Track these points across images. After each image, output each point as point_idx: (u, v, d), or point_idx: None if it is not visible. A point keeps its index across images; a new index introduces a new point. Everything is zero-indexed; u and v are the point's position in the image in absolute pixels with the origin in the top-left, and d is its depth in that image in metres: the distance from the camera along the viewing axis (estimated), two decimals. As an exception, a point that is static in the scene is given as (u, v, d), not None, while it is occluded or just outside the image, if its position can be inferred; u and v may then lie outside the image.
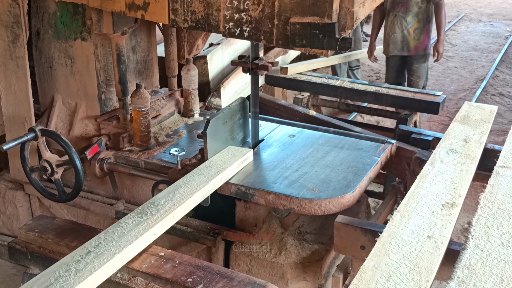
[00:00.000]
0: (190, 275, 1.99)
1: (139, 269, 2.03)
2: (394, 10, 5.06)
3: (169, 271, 2.01)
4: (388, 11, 5.14)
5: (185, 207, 2.24)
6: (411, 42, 5.09)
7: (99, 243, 1.97)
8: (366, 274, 1.63)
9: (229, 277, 1.97)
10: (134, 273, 2.05)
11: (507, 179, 2.16)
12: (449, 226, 1.88)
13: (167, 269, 2.03)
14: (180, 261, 2.07)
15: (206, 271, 2.01)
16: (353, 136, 3.04)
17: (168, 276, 1.98)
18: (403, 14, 5.02)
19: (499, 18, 11.03)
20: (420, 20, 5.03)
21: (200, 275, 1.98)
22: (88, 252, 1.92)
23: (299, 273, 2.55)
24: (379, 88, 4.00)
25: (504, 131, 5.51)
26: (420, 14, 5.01)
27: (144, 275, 2.02)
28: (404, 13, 5.01)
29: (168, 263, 2.06)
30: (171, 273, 2.00)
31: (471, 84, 7.36)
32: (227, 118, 2.69)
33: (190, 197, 2.25)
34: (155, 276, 1.98)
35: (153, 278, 1.98)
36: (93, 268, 1.84)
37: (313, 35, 2.11)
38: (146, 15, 2.48)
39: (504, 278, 1.61)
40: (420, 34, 5.05)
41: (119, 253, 1.92)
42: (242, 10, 2.22)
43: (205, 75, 3.86)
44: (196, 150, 2.73)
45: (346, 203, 2.44)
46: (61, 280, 1.78)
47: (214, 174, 2.42)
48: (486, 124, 2.76)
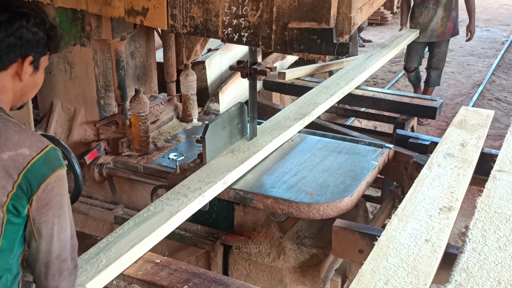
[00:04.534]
0: (186, 282, 1.99)
1: (135, 276, 2.03)
2: (425, 2, 5.59)
3: (165, 278, 2.01)
4: (418, 4, 5.64)
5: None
6: (438, 29, 5.65)
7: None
8: (364, 278, 1.64)
9: (225, 284, 1.97)
10: (130, 280, 2.05)
11: (504, 183, 2.18)
12: (446, 230, 1.89)
13: (163, 276, 2.03)
14: (176, 268, 2.07)
15: (202, 278, 2.01)
16: (351, 140, 3.05)
17: (164, 283, 1.99)
18: (434, 6, 5.57)
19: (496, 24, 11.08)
20: (447, 9, 5.60)
21: (196, 282, 1.99)
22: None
23: (298, 277, 2.56)
24: (377, 93, 4.02)
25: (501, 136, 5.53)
26: (447, 4, 5.59)
27: (140, 282, 2.02)
28: (435, 5, 5.57)
29: (164, 270, 2.06)
30: (167, 280, 2.00)
31: (468, 89, 7.39)
32: (226, 123, 2.70)
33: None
34: (151, 283, 1.98)
35: (149, 285, 1.98)
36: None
37: (311, 40, 2.13)
38: (145, 20, 2.49)
39: (501, 281, 1.62)
40: (447, 22, 5.64)
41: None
42: (240, 15, 2.24)
43: (204, 80, 3.87)
44: (195, 155, 2.74)
45: (344, 207, 2.45)
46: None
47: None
48: (483, 129, 2.78)
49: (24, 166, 1.42)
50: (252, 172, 2.67)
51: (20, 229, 1.47)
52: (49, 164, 1.45)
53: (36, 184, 1.43)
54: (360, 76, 3.91)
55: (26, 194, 1.44)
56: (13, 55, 1.49)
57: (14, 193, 1.42)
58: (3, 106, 1.52)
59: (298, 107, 3.13)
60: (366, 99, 3.98)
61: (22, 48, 1.49)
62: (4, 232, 1.44)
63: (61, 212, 1.49)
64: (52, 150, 1.48)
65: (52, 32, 1.55)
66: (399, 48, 4.92)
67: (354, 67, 4.10)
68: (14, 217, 1.44)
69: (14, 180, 1.42)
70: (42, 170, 1.44)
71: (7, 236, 1.45)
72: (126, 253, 1.87)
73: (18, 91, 1.56)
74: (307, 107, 3.13)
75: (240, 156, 2.58)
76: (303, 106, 3.15)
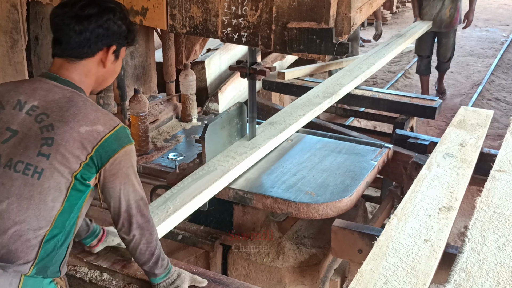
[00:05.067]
0: None
1: (134, 276, 2.03)
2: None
3: None
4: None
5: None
6: (447, 20, 5.93)
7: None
8: (364, 278, 1.64)
9: (225, 283, 1.97)
10: (129, 280, 2.05)
11: (503, 183, 2.18)
12: (445, 230, 1.89)
13: None
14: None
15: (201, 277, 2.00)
16: (350, 140, 3.06)
17: None
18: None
19: (495, 24, 11.09)
20: (454, 1, 5.87)
21: None
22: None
23: (297, 277, 2.56)
24: (376, 93, 4.02)
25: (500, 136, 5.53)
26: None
27: (140, 282, 2.02)
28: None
29: None
30: None
31: (467, 89, 7.40)
32: (225, 123, 2.70)
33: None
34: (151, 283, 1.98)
35: (149, 285, 1.98)
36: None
37: (311, 40, 2.13)
38: (144, 20, 2.49)
39: (500, 281, 1.62)
40: (454, 12, 5.91)
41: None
42: (240, 15, 2.24)
43: (203, 80, 3.87)
44: (194, 155, 2.74)
45: (343, 207, 2.45)
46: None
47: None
48: (482, 129, 2.78)
49: (98, 141, 1.63)
50: (251, 172, 2.67)
51: (82, 196, 1.67)
52: (118, 141, 1.66)
53: (106, 158, 1.64)
54: (379, 62, 4.29)
55: (96, 166, 1.64)
56: (100, 44, 1.71)
57: (86, 163, 1.62)
58: (84, 89, 1.74)
59: (326, 87, 3.52)
60: (365, 99, 3.98)
61: (108, 38, 1.71)
62: (68, 196, 1.63)
63: (126, 180, 1.71)
64: (122, 129, 1.68)
65: (131, 27, 1.79)
66: (414, 37, 5.33)
67: (374, 53, 4.49)
68: (80, 184, 1.64)
69: (88, 152, 1.62)
70: (112, 146, 1.65)
71: (70, 201, 1.64)
72: (189, 202, 2.22)
73: (101, 76, 1.78)
74: (334, 87, 3.53)
75: (278, 127, 2.90)
76: (330, 86, 3.55)
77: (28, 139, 1.62)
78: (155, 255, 1.82)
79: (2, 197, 1.60)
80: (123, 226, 1.75)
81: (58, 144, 1.60)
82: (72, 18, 1.67)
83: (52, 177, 1.60)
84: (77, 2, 1.69)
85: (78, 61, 1.71)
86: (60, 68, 1.72)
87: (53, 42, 1.73)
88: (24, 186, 1.60)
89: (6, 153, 1.62)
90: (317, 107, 3.15)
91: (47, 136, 1.61)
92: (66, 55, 1.71)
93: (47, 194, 1.60)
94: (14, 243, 1.59)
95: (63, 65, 1.72)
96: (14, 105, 1.67)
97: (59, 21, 1.69)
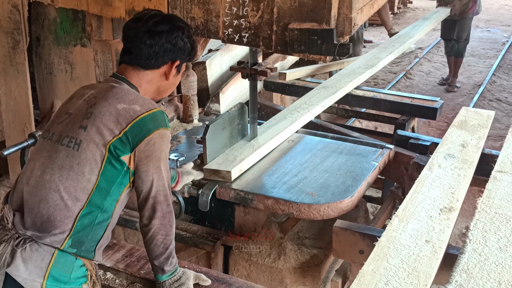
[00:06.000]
0: None
1: (138, 275, 2.04)
2: None
3: None
4: None
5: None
6: (462, 9, 6.73)
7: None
8: (365, 279, 1.64)
9: (228, 282, 1.98)
10: (133, 279, 2.05)
11: (504, 184, 2.17)
12: (447, 231, 1.89)
13: None
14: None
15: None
16: (352, 141, 3.05)
17: None
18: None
19: (496, 24, 11.09)
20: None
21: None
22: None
23: (298, 277, 2.56)
24: (377, 94, 4.02)
25: (501, 136, 5.53)
26: None
27: (143, 281, 2.02)
28: None
29: None
30: None
31: (469, 90, 7.40)
32: (226, 123, 2.71)
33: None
34: (154, 281, 1.99)
35: (152, 284, 1.99)
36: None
37: (312, 41, 2.13)
38: (145, 21, 2.49)
39: (501, 282, 1.62)
40: (469, 2, 6.75)
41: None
42: (241, 16, 2.24)
43: (204, 81, 3.87)
44: (196, 155, 2.74)
45: (344, 208, 2.45)
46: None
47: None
48: (484, 129, 2.78)
49: (133, 118, 1.72)
50: (252, 173, 2.67)
51: (119, 175, 1.74)
52: (154, 122, 1.75)
53: (141, 137, 1.72)
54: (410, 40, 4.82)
55: (130, 144, 1.72)
56: (167, 58, 1.85)
57: (119, 138, 1.71)
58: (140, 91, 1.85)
59: (366, 60, 4.19)
60: (366, 99, 3.98)
61: (174, 54, 1.86)
62: (103, 169, 1.72)
63: (159, 164, 1.77)
64: (160, 112, 1.78)
65: (194, 44, 1.94)
66: (438, 20, 6.06)
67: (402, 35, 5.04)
68: (114, 159, 1.72)
69: (123, 127, 1.71)
70: (148, 125, 1.73)
71: (105, 175, 1.73)
72: (269, 141, 2.79)
73: (162, 87, 1.91)
74: (373, 60, 4.19)
75: (330, 90, 3.53)
76: (370, 60, 4.21)
77: (76, 116, 1.78)
78: (169, 250, 1.84)
79: (48, 168, 1.74)
80: (147, 212, 1.79)
81: (95, 116, 1.73)
82: (145, 32, 1.81)
83: (88, 148, 1.71)
84: (151, 18, 1.83)
85: (143, 70, 1.85)
86: (123, 71, 1.87)
87: (123, 52, 1.88)
88: (66, 157, 1.73)
89: (58, 131, 1.79)
90: (360, 76, 3.86)
91: (89, 111, 1.75)
92: (134, 63, 1.85)
93: (84, 165, 1.71)
94: (54, 212, 1.69)
95: (127, 69, 1.87)
96: (78, 96, 1.87)
97: (132, 34, 1.84)
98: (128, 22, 1.89)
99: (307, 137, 3.10)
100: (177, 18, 1.92)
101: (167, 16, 1.91)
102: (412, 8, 13.09)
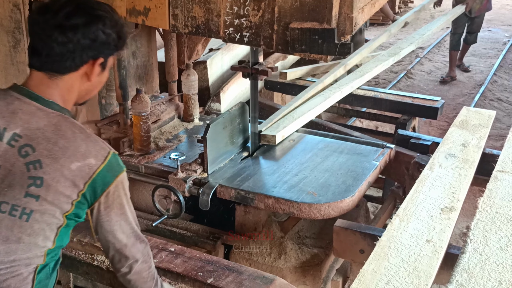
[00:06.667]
0: (200, 269, 2.05)
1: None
2: None
3: (180, 266, 2.07)
4: None
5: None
6: (476, 7, 6.99)
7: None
8: (365, 278, 1.64)
9: (238, 271, 2.01)
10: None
11: (505, 184, 2.17)
12: (447, 230, 1.89)
13: (178, 263, 2.09)
14: (190, 256, 2.13)
15: (215, 266, 2.06)
16: (352, 140, 3.05)
17: (179, 270, 2.04)
18: None
19: (498, 24, 11.07)
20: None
21: (209, 269, 2.04)
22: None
23: (299, 277, 2.56)
24: (378, 93, 4.01)
25: (502, 136, 5.53)
26: None
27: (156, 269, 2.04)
28: None
29: (178, 258, 2.12)
30: (182, 267, 2.06)
31: (470, 90, 7.39)
32: (227, 122, 2.71)
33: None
34: (167, 270, 2.03)
35: (164, 272, 2.03)
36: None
37: (313, 40, 2.13)
38: (146, 20, 2.49)
39: (502, 281, 1.62)
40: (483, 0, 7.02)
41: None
42: (242, 15, 2.24)
43: (205, 80, 3.87)
44: (196, 155, 2.74)
45: (345, 207, 2.45)
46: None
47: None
48: (485, 129, 2.77)
49: (90, 175, 1.50)
50: (253, 172, 2.67)
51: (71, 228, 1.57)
52: (111, 172, 1.54)
53: (100, 192, 1.53)
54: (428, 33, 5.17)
55: (88, 202, 1.53)
56: (86, 56, 1.52)
57: (78, 201, 1.51)
58: (67, 106, 1.57)
59: (389, 50, 4.64)
60: (367, 99, 3.97)
61: (95, 50, 1.53)
62: (59, 234, 1.53)
63: (122, 210, 1.60)
64: (113, 156, 1.55)
65: (122, 33, 1.59)
66: (454, 16, 6.35)
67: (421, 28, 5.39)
68: (73, 222, 1.55)
69: (80, 189, 1.49)
70: (106, 178, 1.53)
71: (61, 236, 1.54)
72: (307, 112, 3.22)
73: (84, 90, 1.61)
74: (395, 49, 4.65)
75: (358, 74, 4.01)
76: (392, 50, 4.64)
77: (13, 176, 1.46)
78: (155, 278, 1.77)
79: None
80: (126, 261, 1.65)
81: (48, 185, 1.46)
82: (54, 28, 1.46)
83: (43, 219, 1.48)
84: (61, 8, 1.47)
85: (60, 77, 1.52)
86: (39, 85, 1.53)
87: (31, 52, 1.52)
88: (11, 229, 1.46)
89: None
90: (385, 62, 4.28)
91: (35, 175, 1.45)
92: (46, 69, 1.52)
93: (37, 235, 1.49)
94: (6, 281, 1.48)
95: (43, 81, 1.52)
96: None
97: (39, 30, 1.48)
98: (33, 14, 1.54)
99: (308, 137, 3.10)
100: (95, 5, 1.54)
101: (83, 3, 1.52)
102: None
